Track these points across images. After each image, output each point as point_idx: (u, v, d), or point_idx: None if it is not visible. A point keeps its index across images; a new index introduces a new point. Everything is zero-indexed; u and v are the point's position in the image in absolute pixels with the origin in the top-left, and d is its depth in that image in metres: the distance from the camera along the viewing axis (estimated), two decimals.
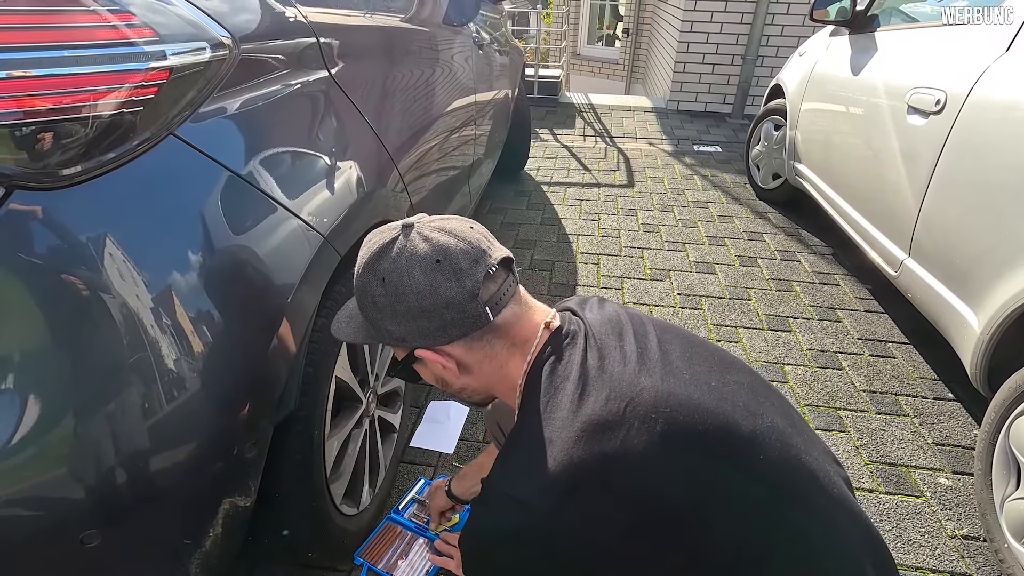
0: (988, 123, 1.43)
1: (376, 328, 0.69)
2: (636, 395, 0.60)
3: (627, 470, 0.57)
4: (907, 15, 2.18)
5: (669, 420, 0.58)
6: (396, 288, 0.64)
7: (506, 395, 0.73)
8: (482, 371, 0.70)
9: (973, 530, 1.33)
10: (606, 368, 0.64)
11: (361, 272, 0.68)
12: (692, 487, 0.57)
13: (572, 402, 0.61)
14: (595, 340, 0.68)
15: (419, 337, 0.67)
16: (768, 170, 3.18)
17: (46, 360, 0.60)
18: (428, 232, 0.66)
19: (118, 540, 0.67)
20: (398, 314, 0.66)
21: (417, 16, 1.56)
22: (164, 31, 0.68)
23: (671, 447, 0.57)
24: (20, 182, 0.59)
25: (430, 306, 0.64)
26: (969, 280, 1.44)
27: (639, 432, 0.57)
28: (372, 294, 0.66)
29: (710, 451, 0.58)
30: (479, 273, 0.65)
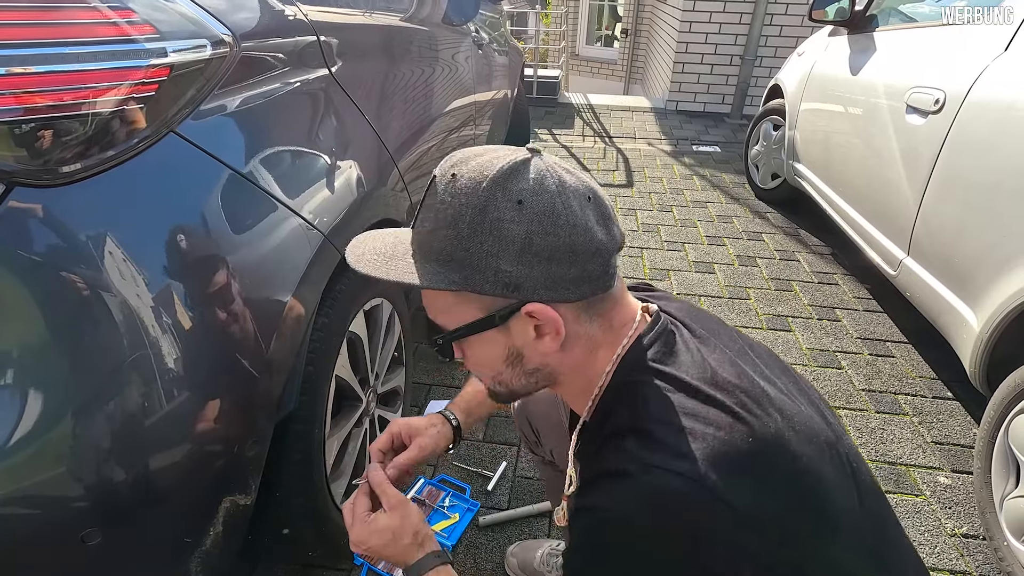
0: (987, 122, 1.43)
1: (476, 267, 0.51)
2: (762, 396, 0.54)
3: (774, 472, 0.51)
4: (906, 15, 2.19)
5: (803, 434, 0.53)
6: (543, 215, 0.50)
7: (576, 387, 0.60)
8: (573, 351, 0.57)
9: (973, 528, 1.33)
10: (722, 370, 0.56)
11: (486, 187, 0.50)
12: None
13: (704, 396, 0.53)
14: (698, 337, 0.60)
15: (543, 287, 0.51)
16: (767, 170, 3.19)
17: (46, 357, 0.60)
18: (564, 165, 0.54)
19: (119, 538, 0.67)
20: (530, 250, 0.50)
21: (417, 15, 1.56)
22: (165, 28, 0.68)
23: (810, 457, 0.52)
24: (20, 179, 0.59)
25: (581, 247, 0.51)
26: (968, 279, 1.45)
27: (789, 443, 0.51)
28: (498, 218, 0.50)
29: (841, 471, 0.54)
30: (619, 225, 0.55)
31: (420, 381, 1.77)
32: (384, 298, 1.22)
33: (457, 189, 0.51)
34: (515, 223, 0.50)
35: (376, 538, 0.66)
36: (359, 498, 0.70)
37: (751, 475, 0.49)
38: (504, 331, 0.55)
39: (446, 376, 1.80)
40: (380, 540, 0.66)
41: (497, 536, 1.28)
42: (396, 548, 0.66)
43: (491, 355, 0.58)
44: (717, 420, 0.51)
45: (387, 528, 0.66)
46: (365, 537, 0.67)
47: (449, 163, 0.54)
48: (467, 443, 1.54)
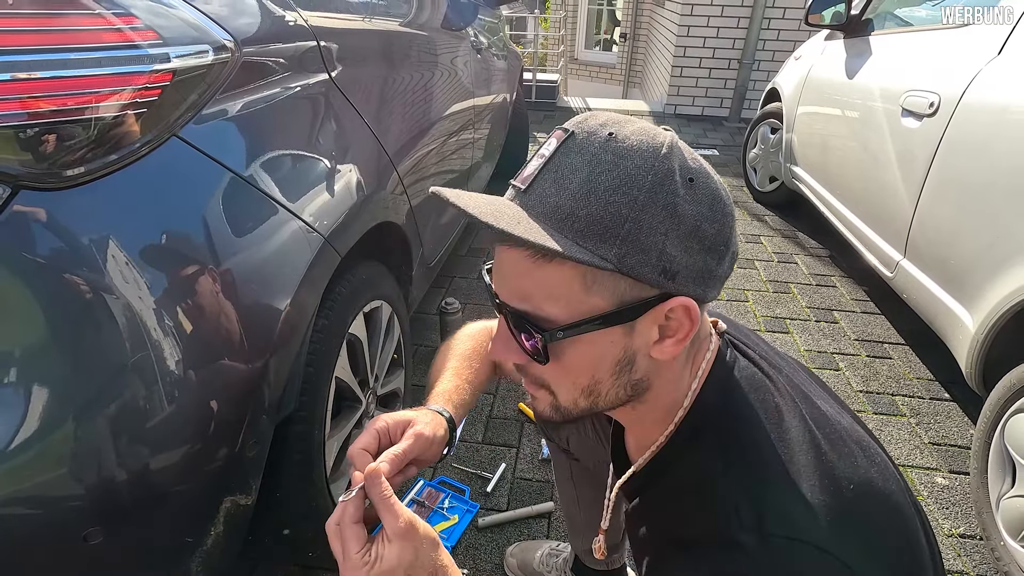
0: (981, 125, 1.45)
1: (641, 246, 0.42)
2: (851, 432, 0.52)
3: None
4: (901, 19, 2.21)
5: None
6: (712, 199, 0.44)
7: (658, 405, 0.53)
8: (675, 363, 0.50)
9: (969, 529, 1.34)
10: (797, 397, 0.52)
11: (663, 155, 0.43)
12: None
13: (807, 443, 0.48)
14: (763, 357, 0.56)
15: (694, 280, 0.44)
16: (765, 173, 3.20)
17: (49, 358, 0.61)
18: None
19: (121, 538, 0.67)
20: (695, 235, 0.43)
21: (416, 20, 1.57)
22: (168, 34, 0.69)
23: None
24: (26, 182, 0.60)
25: (724, 242, 0.45)
26: (964, 280, 1.46)
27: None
28: (674, 192, 0.42)
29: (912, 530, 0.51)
30: None
31: (420, 384, 1.77)
32: (384, 300, 1.23)
33: (626, 150, 0.43)
34: (687, 202, 0.43)
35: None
36: (347, 527, 0.49)
37: (866, 530, 0.46)
38: (629, 329, 0.46)
39: None
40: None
41: (496, 537, 1.28)
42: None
43: (602, 359, 0.48)
44: (814, 465, 0.47)
45: (396, 567, 0.48)
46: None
47: (593, 123, 0.46)
48: (466, 445, 1.54)
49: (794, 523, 0.44)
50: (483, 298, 2.25)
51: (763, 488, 0.45)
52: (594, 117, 0.47)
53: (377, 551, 0.48)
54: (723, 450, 0.48)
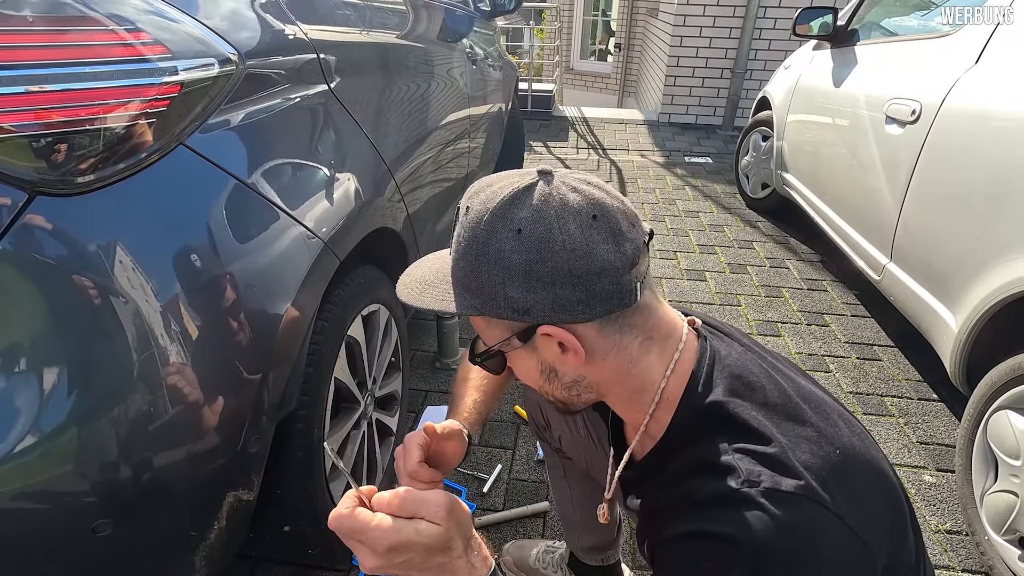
0: (961, 131, 1.49)
1: (488, 296, 0.53)
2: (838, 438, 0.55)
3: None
4: (886, 29, 2.26)
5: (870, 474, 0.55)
6: (540, 243, 0.50)
7: (626, 398, 0.60)
8: (605, 364, 0.57)
9: (956, 525, 1.36)
10: (784, 381, 0.58)
11: (486, 221, 0.52)
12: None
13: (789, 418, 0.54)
14: (744, 347, 0.62)
15: (552, 310, 0.52)
16: (757, 180, 3.25)
17: (59, 358, 0.64)
18: (573, 182, 0.53)
19: (128, 530, 0.70)
20: (532, 277, 0.51)
21: (413, 32, 1.62)
22: (175, 48, 0.73)
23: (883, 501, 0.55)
24: (41, 188, 0.63)
25: (581, 270, 0.51)
26: (947, 282, 1.50)
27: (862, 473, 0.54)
28: (499, 249, 0.51)
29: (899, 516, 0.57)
30: (638, 239, 0.53)
31: (417, 387, 1.80)
32: (382, 304, 1.26)
33: (468, 221, 0.54)
34: (516, 252, 0.51)
35: (419, 548, 0.49)
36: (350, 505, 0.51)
37: (855, 490, 0.51)
38: (531, 349, 0.57)
39: (442, 383, 1.83)
40: (422, 551, 0.49)
41: (492, 536, 1.31)
42: (434, 565, 0.50)
43: (529, 370, 0.60)
44: (804, 434, 0.53)
45: (435, 539, 0.49)
46: (396, 541, 0.48)
47: (467, 194, 0.56)
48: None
49: (798, 481, 0.49)
50: None
51: (760, 454, 0.51)
52: (471, 188, 0.57)
53: (417, 530, 0.49)
54: (718, 429, 0.54)
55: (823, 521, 0.48)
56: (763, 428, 0.52)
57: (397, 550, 0.49)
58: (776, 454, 0.50)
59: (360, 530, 0.49)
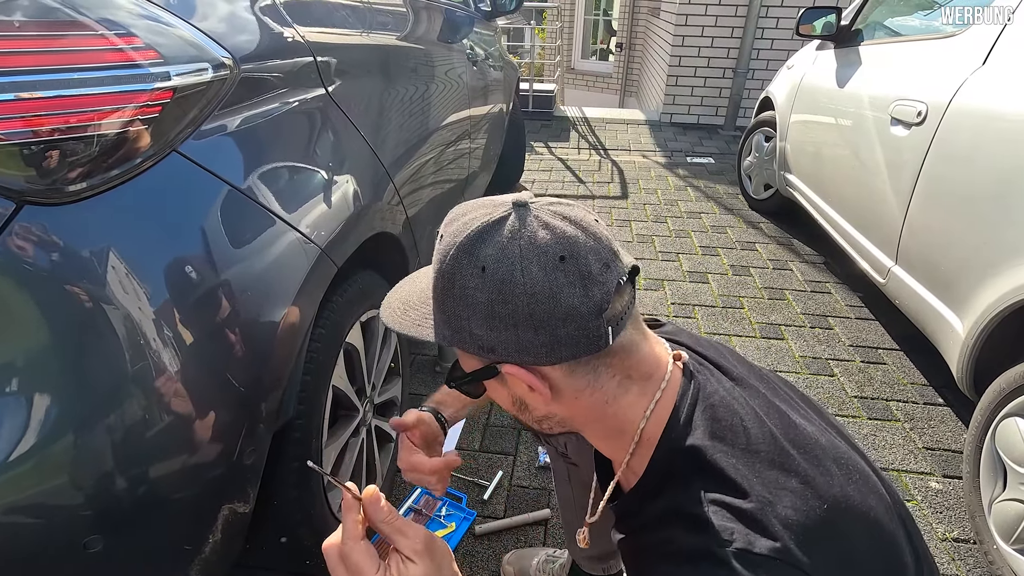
0: (968, 133, 1.47)
1: (455, 329, 0.52)
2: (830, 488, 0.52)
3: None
4: (890, 29, 2.24)
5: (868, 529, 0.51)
6: (502, 284, 0.49)
7: (604, 436, 0.59)
8: (578, 403, 0.55)
9: (963, 533, 1.34)
10: (769, 419, 0.55)
11: (452, 255, 0.51)
12: None
13: (770, 465, 0.51)
14: (735, 380, 0.59)
15: (515, 351, 0.51)
16: (759, 180, 3.23)
17: (51, 370, 0.62)
18: (548, 217, 0.51)
19: (120, 545, 0.69)
20: (495, 317, 0.50)
21: (412, 34, 1.60)
22: (168, 53, 0.71)
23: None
24: (29, 197, 0.61)
25: (543, 315, 0.49)
26: (953, 285, 1.48)
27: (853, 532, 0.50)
28: (464, 285, 0.50)
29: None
30: (610, 282, 0.50)
31: (417, 392, 1.79)
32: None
33: (439, 251, 0.53)
34: (479, 290, 0.50)
35: None
36: (355, 546, 0.47)
37: (840, 548, 0.48)
38: (502, 381, 0.56)
39: None
40: None
41: (493, 544, 1.29)
42: None
43: (502, 399, 0.60)
44: (788, 486, 0.49)
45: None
46: None
47: (445, 220, 0.55)
48: (463, 452, 1.55)
49: (773, 543, 0.46)
50: None
51: (735, 506, 0.48)
52: (450, 214, 0.55)
53: (399, 570, 0.46)
54: (696, 478, 0.51)
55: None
56: (741, 479, 0.49)
57: None
58: (752, 510, 0.47)
59: (363, 573, 0.46)
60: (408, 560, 0.47)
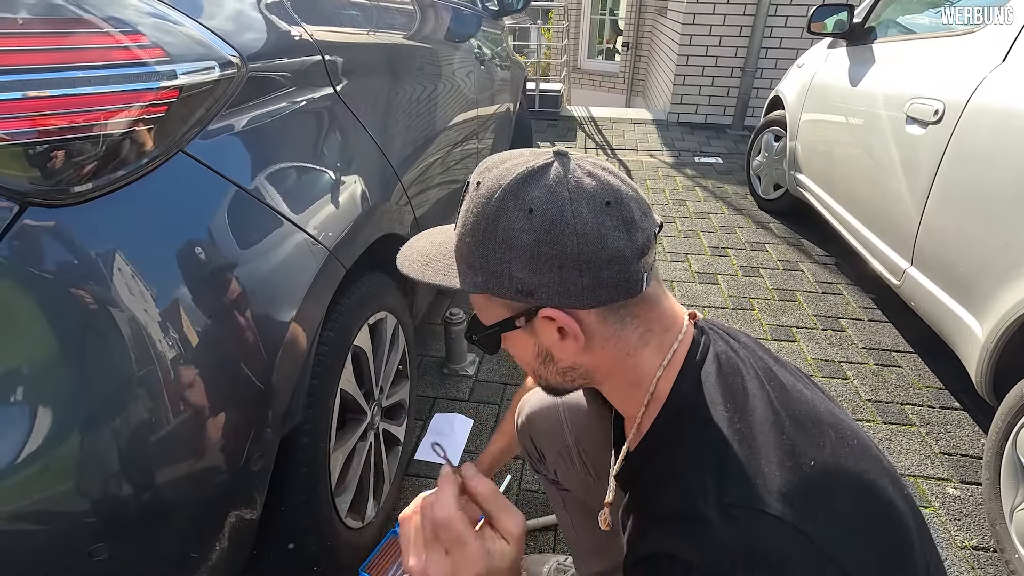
0: (987, 132, 1.44)
1: (492, 273, 0.52)
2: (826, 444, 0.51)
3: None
4: (904, 27, 2.21)
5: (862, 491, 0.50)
6: (551, 224, 0.49)
7: (622, 389, 0.59)
8: (603, 352, 0.56)
9: (983, 541, 1.31)
10: (771, 384, 0.55)
11: (497, 197, 0.51)
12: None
13: (777, 428, 0.51)
14: (743, 345, 0.59)
15: (556, 293, 0.51)
16: (769, 180, 3.20)
17: (55, 373, 0.61)
18: (589, 167, 0.52)
19: (125, 553, 0.67)
20: (539, 258, 0.50)
21: (419, 33, 1.58)
22: (174, 51, 0.70)
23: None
24: (34, 199, 0.60)
25: (590, 255, 0.50)
26: (972, 288, 1.45)
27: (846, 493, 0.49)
28: (509, 227, 0.51)
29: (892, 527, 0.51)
30: (649, 228, 0.52)
31: (424, 394, 1.77)
32: (389, 312, 1.23)
33: (478, 197, 0.53)
34: (525, 232, 0.50)
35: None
36: (458, 516, 0.48)
37: (827, 504, 0.48)
38: (530, 331, 0.56)
39: (450, 389, 1.80)
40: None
41: None
42: None
43: (525, 353, 0.59)
44: (782, 446, 0.49)
45: (509, 568, 0.48)
46: (484, 570, 0.47)
47: (479, 169, 0.56)
48: (472, 456, 1.53)
49: (753, 496, 0.46)
50: None
51: (723, 465, 0.48)
52: (483, 164, 0.56)
53: (497, 547, 0.48)
54: (692, 434, 0.52)
55: (782, 537, 0.45)
56: (734, 434, 0.50)
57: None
58: (739, 465, 0.48)
59: (464, 544, 0.47)
60: (503, 539, 0.48)
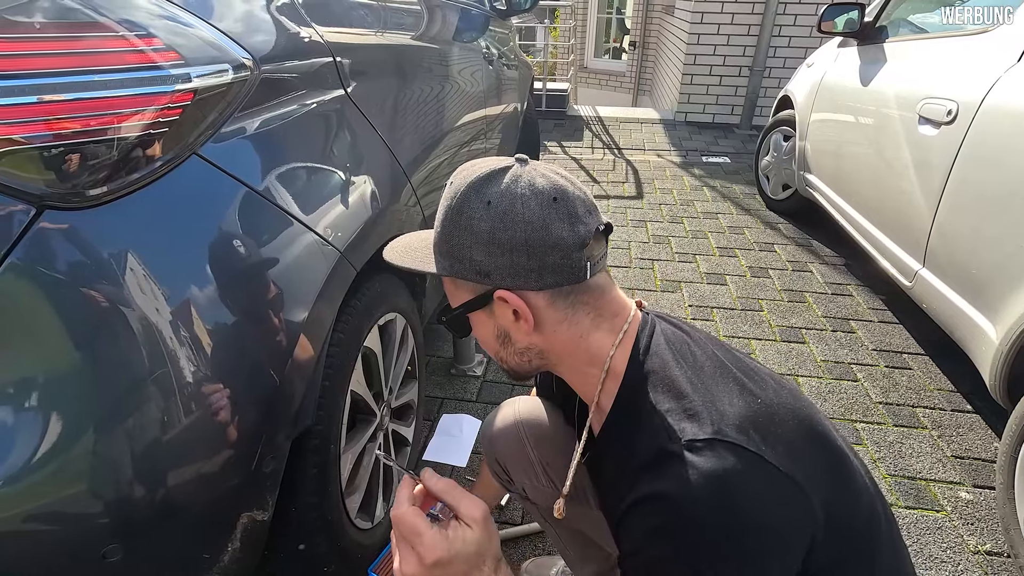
0: (1002, 132, 1.43)
1: (457, 257, 0.61)
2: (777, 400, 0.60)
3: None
4: (916, 26, 2.19)
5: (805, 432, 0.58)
6: (504, 214, 0.58)
7: (575, 369, 0.66)
8: (555, 334, 0.63)
9: (996, 545, 1.30)
10: (719, 352, 0.63)
11: (462, 192, 0.60)
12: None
13: (725, 381, 0.59)
14: (681, 330, 0.66)
15: (508, 275, 0.60)
16: (778, 181, 3.18)
17: (70, 375, 0.61)
18: (544, 170, 0.62)
19: (139, 554, 0.68)
20: (495, 243, 0.59)
21: (428, 33, 1.58)
22: (188, 54, 0.70)
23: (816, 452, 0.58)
24: (50, 202, 0.60)
25: (536, 241, 0.58)
26: (986, 290, 1.43)
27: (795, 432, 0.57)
28: (471, 216, 0.59)
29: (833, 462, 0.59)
30: (591, 224, 0.60)
31: (433, 395, 1.77)
32: (398, 313, 1.23)
33: (448, 192, 0.62)
34: (483, 220, 0.59)
35: (460, 561, 0.51)
36: (414, 512, 0.52)
37: (779, 434, 0.55)
38: (489, 313, 0.64)
39: (458, 390, 1.80)
40: (463, 564, 0.51)
41: (511, 551, 1.27)
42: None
43: (486, 334, 0.67)
44: (729, 389, 0.57)
45: (474, 552, 0.51)
46: (446, 554, 0.50)
47: (455, 173, 0.64)
48: (480, 457, 1.53)
49: (712, 429, 0.53)
50: None
51: (683, 408, 0.56)
52: (459, 167, 0.64)
53: (458, 533, 0.51)
54: (651, 393, 0.59)
55: (743, 459, 0.51)
56: (689, 386, 0.57)
57: (442, 564, 0.50)
58: (697, 408, 0.55)
59: (419, 533, 0.51)
60: (465, 525, 0.52)
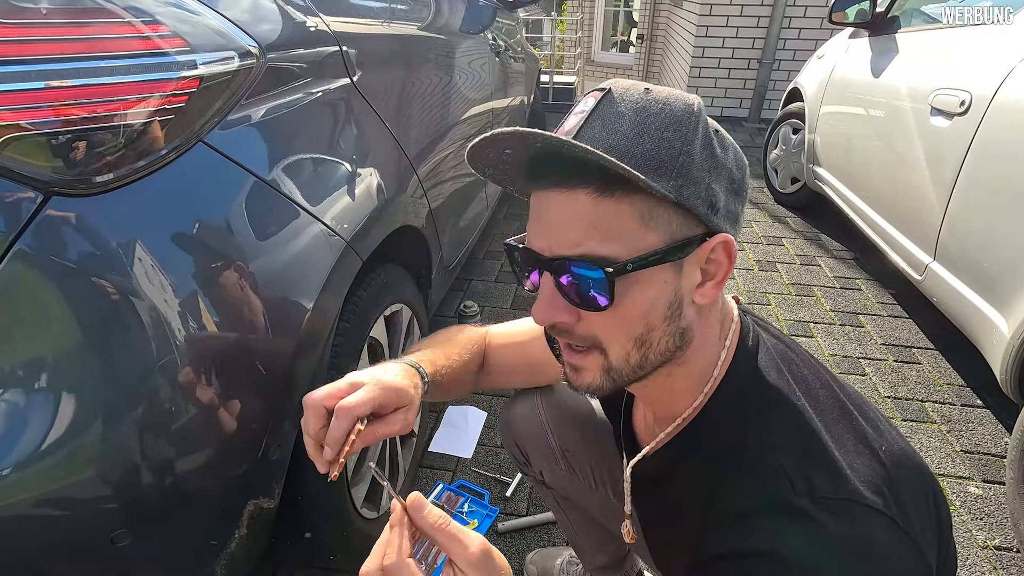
0: (1015, 124, 1.40)
1: (689, 177, 0.45)
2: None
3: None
4: (929, 16, 2.15)
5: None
6: (734, 148, 0.50)
7: (692, 371, 0.52)
8: (711, 315, 0.52)
9: (1006, 541, 1.29)
10: (826, 375, 0.55)
11: (697, 105, 0.47)
12: None
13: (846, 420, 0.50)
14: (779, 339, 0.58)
15: (728, 219, 0.48)
16: (786, 174, 3.15)
17: (78, 362, 0.62)
18: None
19: (147, 540, 0.68)
20: (728, 178, 0.48)
21: (435, 24, 1.58)
22: (195, 41, 0.70)
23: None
24: (57, 188, 0.61)
25: (745, 187, 0.50)
26: (998, 284, 1.41)
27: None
28: (709, 135, 0.47)
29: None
30: None
31: None
32: (404, 304, 1.23)
33: (666, 97, 0.47)
34: (720, 148, 0.48)
35: None
36: (404, 565, 0.41)
37: (904, 493, 0.46)
38: (678, 269, 0.47)
39: None
40: None
41: (516, 543, 1.27)
42: None
43: (656, 301, 0.47)
44: (857, 434, 0.48)
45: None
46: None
47: (625, 83, 0.49)
48: (485, 449, 1.54)
49: (844, 486, 0.44)
50: (502, 301, 2.25)
51: (809, 453, 0.46)
52: (620, 81, 0.49)
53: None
54: (762, 416, 0.49)
55: (880, 525, 0.43)
56: (809, 423, 0.47)
57: None
58: (825, 455, 0.46)
59: None
60: (461, 571, 0.41)
